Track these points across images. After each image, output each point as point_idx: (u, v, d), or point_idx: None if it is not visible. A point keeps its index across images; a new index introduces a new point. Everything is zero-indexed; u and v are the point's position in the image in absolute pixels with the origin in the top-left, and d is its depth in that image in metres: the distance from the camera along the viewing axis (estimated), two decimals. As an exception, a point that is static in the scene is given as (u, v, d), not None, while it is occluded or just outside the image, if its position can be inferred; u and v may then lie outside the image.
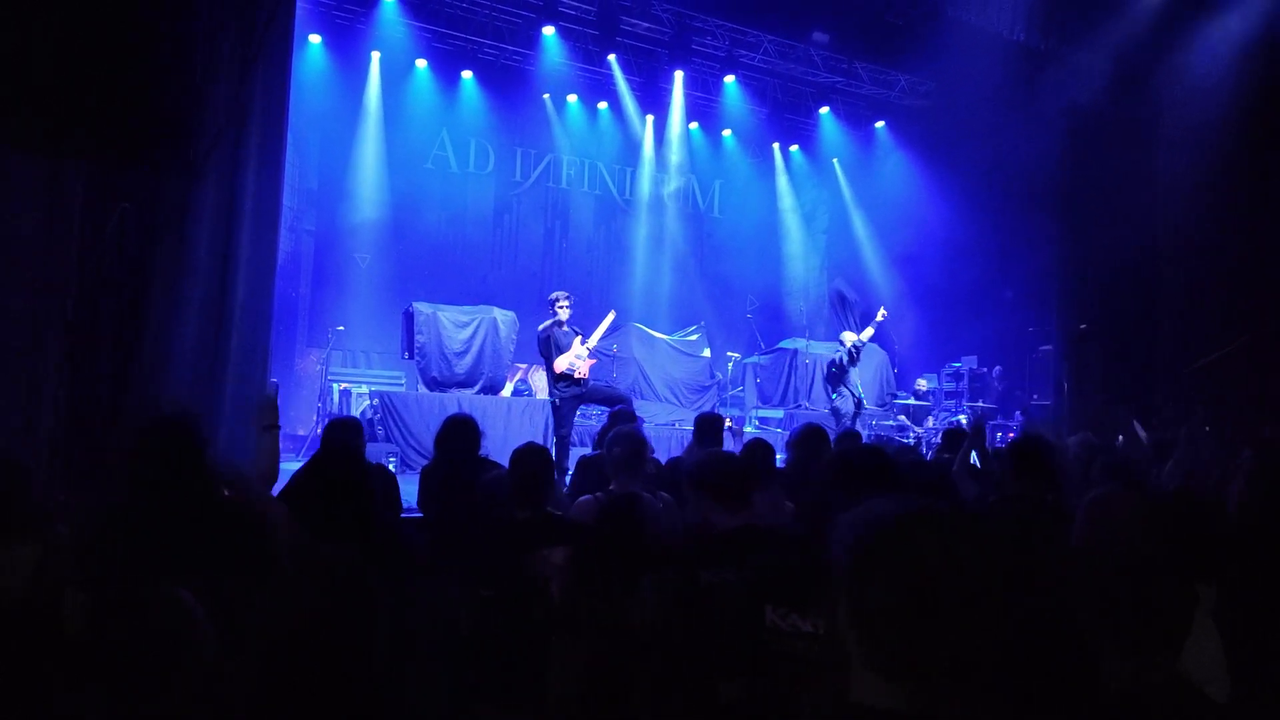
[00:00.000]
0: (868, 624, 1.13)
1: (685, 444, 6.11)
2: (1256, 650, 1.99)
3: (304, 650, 1.49)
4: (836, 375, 9.14)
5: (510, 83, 12.54)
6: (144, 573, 2.26)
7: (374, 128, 11.76)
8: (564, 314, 7.41)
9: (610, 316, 7.98)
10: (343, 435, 4.62)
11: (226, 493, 2.69)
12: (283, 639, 1.50)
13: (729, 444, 5.15)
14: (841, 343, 9.42)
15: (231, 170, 5.69)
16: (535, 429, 8.88)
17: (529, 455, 3.25)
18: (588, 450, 6.75)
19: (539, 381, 11.21)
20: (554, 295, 7.63)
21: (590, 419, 9.84)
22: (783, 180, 14.72)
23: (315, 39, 10.98)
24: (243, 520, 2.53)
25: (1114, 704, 1.53)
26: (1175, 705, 1.52)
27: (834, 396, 9.17)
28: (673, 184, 13.97)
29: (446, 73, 12.09)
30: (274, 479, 3.12)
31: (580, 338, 7.42)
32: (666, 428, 10.21)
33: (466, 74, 12.10)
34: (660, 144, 13.68)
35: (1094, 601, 1.64)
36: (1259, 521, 2.61)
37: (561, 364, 7.27)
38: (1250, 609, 2.08)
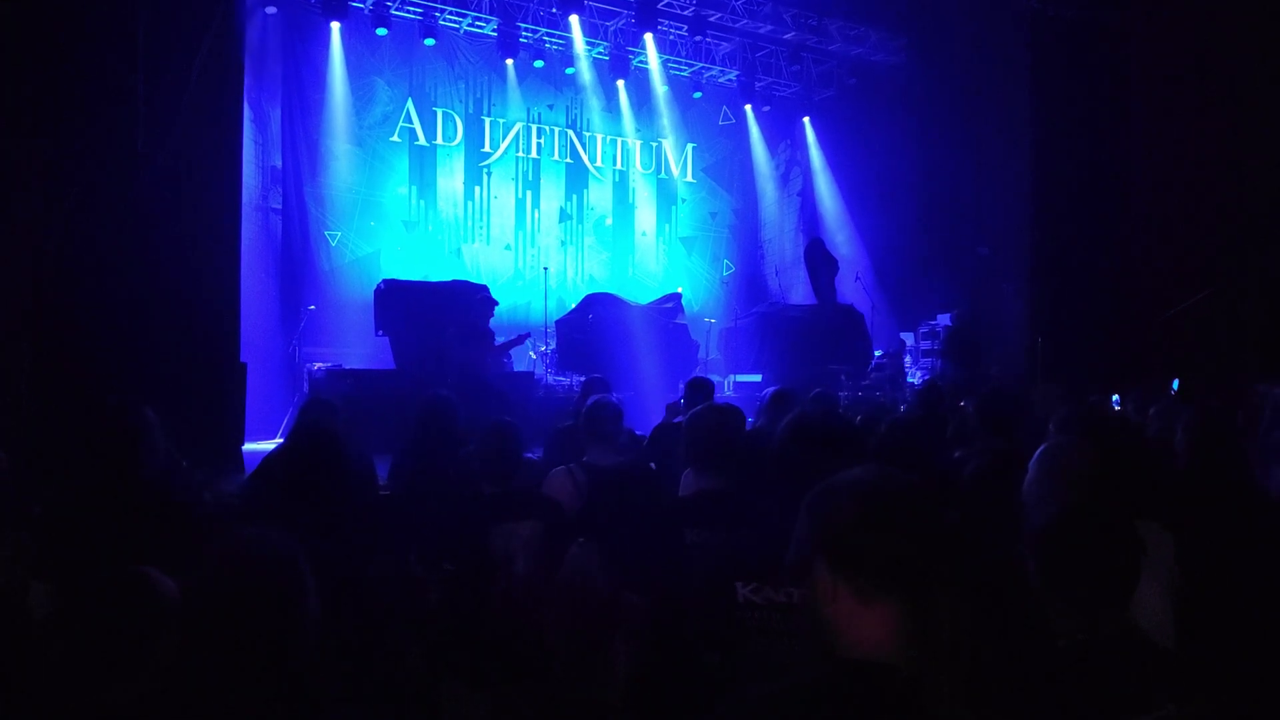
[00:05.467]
0: (840, 544, 1.28)
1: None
2: (1204, 594, 2.04)
3: (228, 632, 1.50)
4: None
5: (474, 50, 12.33)
6: (103, 559, 2.26)
7: (338, 101, 11.53)
8: None
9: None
10: (316, 416, 4.59)
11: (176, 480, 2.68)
12: (207, 621, 1.52)
13: None
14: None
15: (183, 145, 5.57)
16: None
17: (496, 430, 3.24)
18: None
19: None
20: None
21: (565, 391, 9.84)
22: (756, 142, 14.62)
23: (272, 9, 10.72)
24: (189, 509, 2.52)
25: (1063, 654, 1.56)
26: (1124, 653, 1.55)
27: None
28: (643, 149, 13.85)
29: (408, 42, 11.85)
30: None
31: None
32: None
33: (429, 42, 11.88)
34: (629, 109, 13.53)
35: (1042, 553, 1.66)
36: (1203, 472, 2.67)
37: None
38: (1198, 554, 2.13)
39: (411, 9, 11.45)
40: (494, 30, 11.92)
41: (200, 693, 1.47)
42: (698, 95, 13.82)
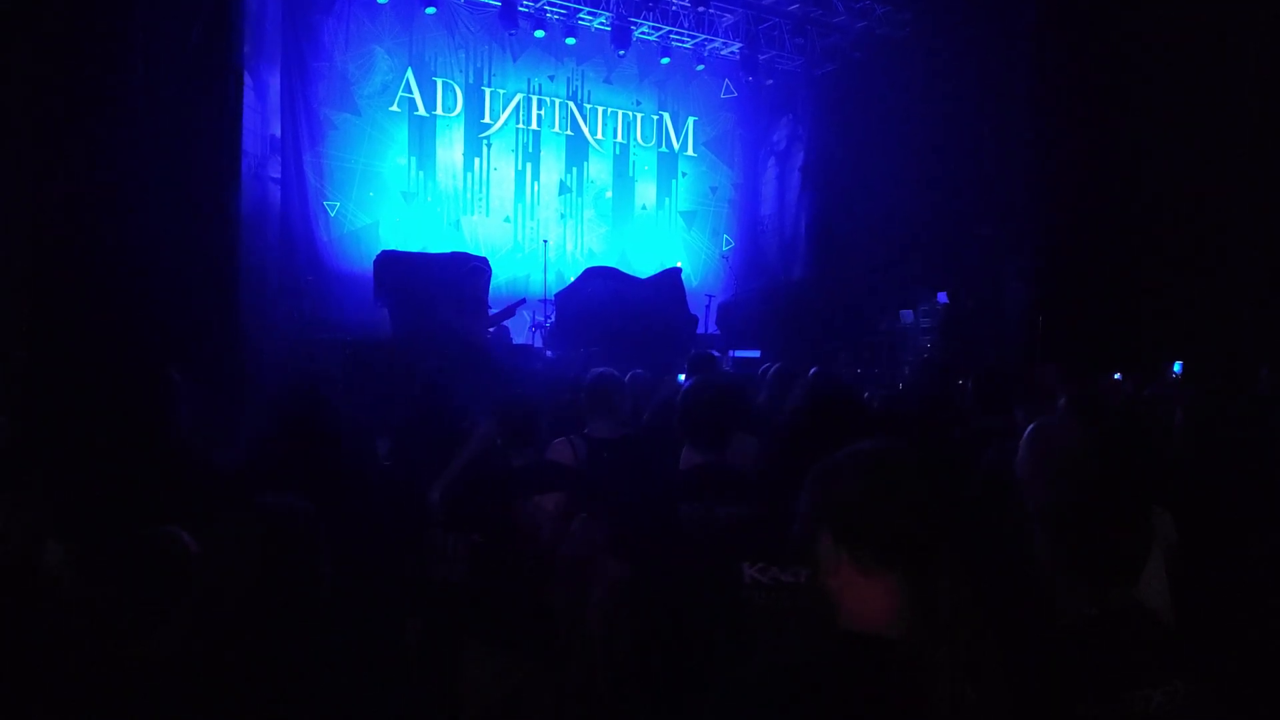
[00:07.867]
0: (843, 517, 1.29)
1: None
2: (1201, 573, 2.05)
3: (250, 600, 1.51)
4: None
5: (475, 20, 12.18)
6: (129, 519, 2.27)
7: (338, 70, 11.41)
8: None
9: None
10: (311, 388, 4.58)
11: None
12: (230, 582, 1.52)
13: None
14: None
15: (182, 112, 5.52)
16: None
17: (521, 402, 3.29)
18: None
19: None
20: None
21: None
22: (758, 116, 14.49)
23: (270, -24, 10.55)
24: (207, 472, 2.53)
25: (1069, 630, 1.57)
26: (1132, 629, 1.56)
27: None
28: (644, 122, 13.74)
29: (408, 10, 11.70)
30: None
31: None
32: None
33: (430, 10, 11.73)
34: (631, 81, 13.39)
35: (1055, 530, 1.66)
36: (1202, 452, 2.68)
37: None
38: (1199, 534, 2.14)
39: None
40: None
41: (220, 651, 1.48)
42: (700, 68, 13.68)
